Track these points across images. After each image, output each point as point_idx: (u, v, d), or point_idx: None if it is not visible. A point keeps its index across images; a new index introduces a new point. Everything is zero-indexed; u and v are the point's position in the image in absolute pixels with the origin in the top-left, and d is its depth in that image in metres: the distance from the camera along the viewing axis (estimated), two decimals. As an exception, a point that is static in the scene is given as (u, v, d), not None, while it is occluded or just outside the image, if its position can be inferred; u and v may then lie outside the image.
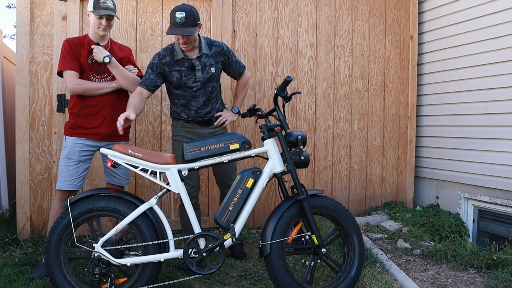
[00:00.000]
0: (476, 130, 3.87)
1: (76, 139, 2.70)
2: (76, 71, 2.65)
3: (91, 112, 2.70)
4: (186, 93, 2.84)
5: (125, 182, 2.92)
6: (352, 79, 4.22)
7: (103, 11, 2.61)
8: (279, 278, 2.32)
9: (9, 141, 4.23)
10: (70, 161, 2.68)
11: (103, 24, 2.65)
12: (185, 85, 2.80)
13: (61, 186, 2.69)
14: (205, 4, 3.72)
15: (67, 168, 2.68)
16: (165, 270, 2.79)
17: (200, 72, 2.79)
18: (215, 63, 2.85)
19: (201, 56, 2.80)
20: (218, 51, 2.86)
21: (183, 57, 2.76)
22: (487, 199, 3.78)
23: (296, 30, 4.02)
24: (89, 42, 2.71)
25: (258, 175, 2.42)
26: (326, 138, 4.15)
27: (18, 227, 3.30)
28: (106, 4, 2.62)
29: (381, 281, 2.63)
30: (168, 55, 2.77)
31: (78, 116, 2.71)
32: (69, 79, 2.63)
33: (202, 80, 2.82)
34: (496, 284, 2.73)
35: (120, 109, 2.71)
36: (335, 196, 4.19)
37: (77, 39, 2.72)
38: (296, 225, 2.47)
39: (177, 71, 2.77)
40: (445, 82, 4.19)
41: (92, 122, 2.71)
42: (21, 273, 2.73)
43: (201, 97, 2.86)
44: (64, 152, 2.72)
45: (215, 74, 2.87)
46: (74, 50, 2.65)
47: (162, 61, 2.76)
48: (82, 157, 2.71)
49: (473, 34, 3.88)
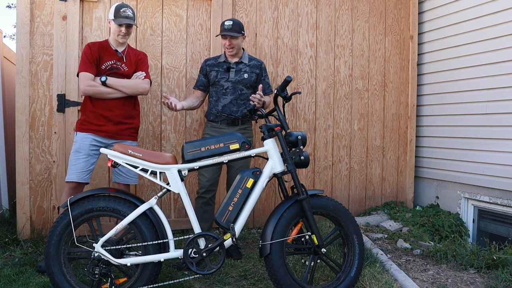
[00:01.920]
0: (476, 130, 3.87)
1: (85, 134, 2.83)
2: (91, 73, 2.78)
3: (100, 112, 2.84)
4: (218, 90, 3.16)
5: (132, 181, 2.99)
6: (352, 79, 4.22)
7: (123, 20, 2.79)
8: (279, 278, 2.32)
9: (9, 141, 4.23)
10: (79, 155, 2.81)
11: (123, 31, 2.83)
12: (218, 82, 3.16)
13: (71, 178, 2.80)
14: (205, 4, 3.72)
15: (76, 161, 2.81)
16: (165, 270, 2.79)
17: (234, 74, 3.14)
18: (250, 71, 3.18)
19: (240, 63, 3.18)
20: (257, 64, 3.23)
21: (224, 60, 3.18)
22: (487, 199, 3.78)
23: (296, 30, 4.02)
24: (108, 47, 2.88)
25: (258, 175, 2.42)
26: (326, 138, 4.15)
27: (18, 227, 3.30)
28: (126, 13, 2.80)
29: (381, 281, 2.63)
30: (213, 59, 3.25)
31: (88, 115, 2.86)
32: (82, 81, 2.77)
33: (233, 81, 3.14)
34: (496, 284, 2.73)
35: (128, 111, 2.92)
36: (335, 196, 4.19)
37: (98, 44, 2.88)
38: (296, 225, 2.47)
39: (215, 71, 3.17)
40: (445, 82, 4.19)
41: (100, 120, 2.84)
42: (21, 273, 2.73)
43: (230, 95, 3.13)
44: (75, 146, 2.85)
45: (247, 79, 3.16)
46: (94, 54, 2.80)
47: (206, 63, 3.23)
48: (91, 151, 2.83)
49: (473, 34, 3.88)
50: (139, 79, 2.91)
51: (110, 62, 2.86)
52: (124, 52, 2.92)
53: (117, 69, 2.88)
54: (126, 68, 2.91)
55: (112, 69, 2.86)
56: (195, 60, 3.70)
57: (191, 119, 3.71)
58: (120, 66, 2.89)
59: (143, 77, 2.93)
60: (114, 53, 2.89)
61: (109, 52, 2.87)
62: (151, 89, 3.58)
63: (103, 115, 2.83)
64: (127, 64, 2.92)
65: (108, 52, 2.87)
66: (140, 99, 3.55)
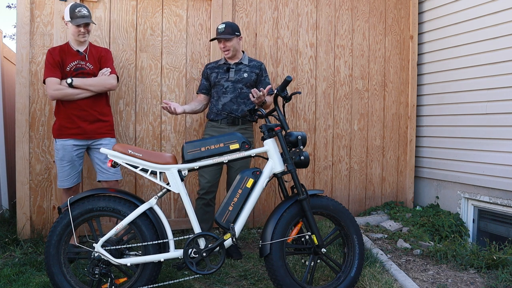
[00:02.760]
0: (476, 130, 3.87)
1: (65, 141, 2.90)
2: (57, 77, 2.84)
3: (73, 113, 2.89)
4: (219, 90, 3.20)
5: (115, 177, 3.01)
6: (352, 79, 4.22)
7: (80, 20, 2.82)
8: (279, 278, 2.32)
9: (9, 141, 4.23)
10: (64, 163, 2.92)
11: (82, 31, 2.87)
12: (219, 82, 3.20)
13: (62, 185, 2.97)
14: (205, 4, 3.72)
15: (62, 169, 2.94)
16: (165, 270, 2.79)
17: (233, 73, 3.18)
18: (249, 71, 3.21)
19: (239, 63, 3.23)
20: (256, 65, 3.26)
21: (224, 62, 3.25)
22: (487, 199, 3.78)
23: (296, 30, 4.02)
24: (69, 49, 2.93)
25: (258, 175, 2.42)
26: (326, 138, 4.15)
27: (18, 227, 3.30)
28: (81, 12, 2.83)
29: (381, 281, 2.63)
30: (213, 63, 3.32)
31: (61, 119, 2.91)
32: (50, 86, 2.83)
33: (233, 80, 3.17)
34: (496, 284, 2.73)
35: (99, 109, 2.96)
36: (335, 196, 4.19)
37: (58, 48, 2.93)
38: (296, 225, 2.47)
39: (216, 73, 3.23)
40: (445, 82, 4.19)
41: (74, 122, 2.89)
42: (21, 273, 2.73)
43: (230, 94, 3.16)
44: (58, 154, 2.94)
45: (246, 78, 3.18)
46: (56, 58, 2.86)
47: (207, 67, 3.30)
48: (74, 156, 2.93)
49: (473, 34, 3.88)
50: (104, 75, 2.95)
51: (73, 63, 2.90)
52: (86, 51, 2.96)
53: (82, 68, 2.91)
54: (91, 66, 2.94)
55: (78, 70, 2.90)
56: (195, 60, 3.70)
57: (191, 119, 3.71)
58: (85, 65, 2.93)
59: (108, 73, 2.96)
60: (76, 54, 2.93)
61: (70, 54, 2.91)
62: (151, 89, 3.59)
63: (77, 115, 2.88)
64: (91, 62, 2.95)
65: (69, 54, 2.91)
66: (140, 99, 3.56)
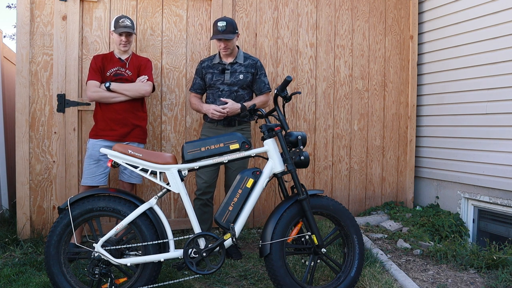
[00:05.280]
0: (476, 130, 3.87)
1: (96, 141, 3.04)
2: (97, 80, 3.02)
3: (108, 116, 3.04)
4: (214, 92, 3.15)
5: (135, 180, 3.15)
6: (352, 79, 4.22)
7: (122, 29, 3.01)
8: (279, 278, 2.32)
9: (9, 141, 4.23)
10: (90, 161, 3.03)
11: (123, 40, 3.05)
12: (214, 85, 3.14)
13: (85, 182, 3.05)
14: (205, 4, 3.72)
15: (88, 167, 3.04)
16: (165, 270, 2.79)
17: (229, 76, 3.10)
18: (245, 72, 3.14)
19: (234, 63, 3.13)
20: (252, 63, 3.17)
21: (219, 61, 3.14)
22: (487, 199, 3.78)
23: (296, 30, 4.02)
24: (112, 56, 3.12)
25: (258, 175, 2.42)
26: (326, 138, 4.15)
27: (18, 227, 3.30)
28: (124, 23, 3.03)
29: (381, 281, 2.63)
30: (207, 61, 3.21)
31: (98, 121, 3.08)
32: (89, 88, 3.02)
33: (229, 83, 3.10)
34: (496, 284, 2.73)
35: (133, 114, 3.09)
36: (335, 196, 4.19)
37: (102, 55, 3.14)
38: (296, 225, 2.47)
39: (211, 73, 3.14)
40: (445, 82, 4.19)
41: (108, 125, 3.04)
42: (21, 273, 2.73)
43: (226, 97, 3.08)
44: (87, 153, 3.08)
45: (242, 80, 3.12)
46: (98, 64, 3.05)
47: (201, 65, 3.20)
48: (102, 156, 3.02)
49: (473, 34, 3.88)
50: (141, 82, 3.09)
51: (114, 69, 3.08)
52: (127, 60, 3.14)
53: (121, 74, 3.09)
54: (130, 73, 3.11)
55: (117, 75, 3.08)
56: (195, 60, 3.70)
57: (191, 119, 3.71)
58: (124, 72, 3.10)
59: (145, 80, 3.10)
60: (117, 61, 3.11)
61: (112, 61, 3.10)
62: (151, 89, 3.59)
63: (111, 118, 3.03)
64: (130, 69, 3.12)
65: (111, 61, 3.10)
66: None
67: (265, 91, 3.21)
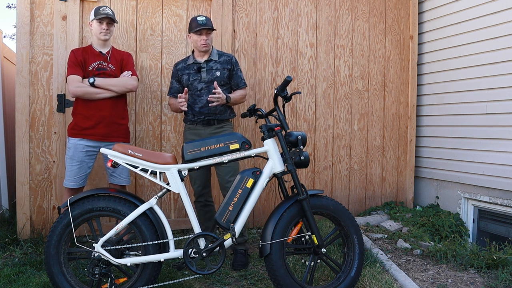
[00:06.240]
0: (476, 130, 3.87)
1: (78, 140, 2.89)
2: (79, 75, 2.85)
3: (91, 113, 2.88)
4: (193, 92, 3.07)
5: (125, 182, 3.03)
6: (352, 79, 4.22)
7: (103, 15, 2.87)
8: (279, 278, 2.32)
9: (9, 141, 4.23)
10: (73, 162, 2.89)
11: (104, 27, 2.90)
12: (191, 85, 3.06)
13: (67, 184, 2.93)
14: (205, 4, 3.72)
15: (71, 168, 2.90)
16: (165, 270, 2.79)
17: (205, 73, 3.04)
18: (221, 68, 3.08)
19: (209, 61, 3.08)
20: (227, 60, 3.12)
21: (193, 61, 3.09)
22: (487, 199, 3.78)
23: (296, 30, 4.01)
24: (91, 50, 2.96)
25: (258, 175, 2.42)
26: (326, 138, 4.15)
27: (18, 227, 3.30)
28: (105, 11, 2.89)
29: (381, 281, 2.63)
30: (182, 62, 3.16)
31: (78, 117, 2.91)
32: (71, 83, 2.84)
33: (206, 81, 3.04)
34: (496, 284, 2.73)
35: (118, 112, 2.96)
36: (335, 196, 4.19)
37: (81, 48, 2.99)
38: (296, 225, 2.47)
39: (187, 74, 3.08)
40: (445, 82, 4.19)
41: (89, 122, 2.88)
42: (21, 273, 2.73)
43: (205, 96, 3.02)
44: (68, 153, 2.92)
45: (219, 77, 3.06)
46: (78, 57, 2.88)
47: (176, 68, 3.14)
48: (85, 157, 2.90)
49: (474, 34, 3.88)
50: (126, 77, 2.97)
51: (96, 63, 2.92)
52: (108, 53, 2.99)
53: (104, 69, 2.93)
54: (113, 68, 2.97)
55: (100, 70, 2.92)
56: (195, 60, 3.70)
57: (191, 119, 3.70)
58: (107, 66, 2.95)
59: (130, 76, 2.99)
60: (98, 54, 2.95)
61: (93, 54, 2.93)
62: (151, 89, 3.59)
63: (95, 116, 2.87)
64: (113, 63, 2.97)
65: (92, 55, 2.93)
66: (140, 99, 3.56)
67: (242, 86, 3.17)
